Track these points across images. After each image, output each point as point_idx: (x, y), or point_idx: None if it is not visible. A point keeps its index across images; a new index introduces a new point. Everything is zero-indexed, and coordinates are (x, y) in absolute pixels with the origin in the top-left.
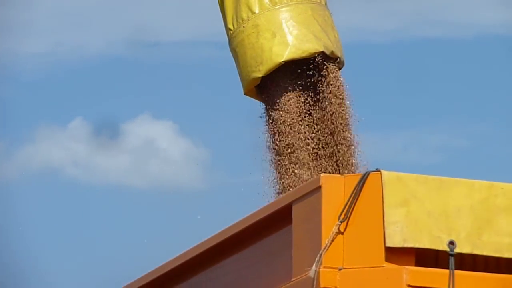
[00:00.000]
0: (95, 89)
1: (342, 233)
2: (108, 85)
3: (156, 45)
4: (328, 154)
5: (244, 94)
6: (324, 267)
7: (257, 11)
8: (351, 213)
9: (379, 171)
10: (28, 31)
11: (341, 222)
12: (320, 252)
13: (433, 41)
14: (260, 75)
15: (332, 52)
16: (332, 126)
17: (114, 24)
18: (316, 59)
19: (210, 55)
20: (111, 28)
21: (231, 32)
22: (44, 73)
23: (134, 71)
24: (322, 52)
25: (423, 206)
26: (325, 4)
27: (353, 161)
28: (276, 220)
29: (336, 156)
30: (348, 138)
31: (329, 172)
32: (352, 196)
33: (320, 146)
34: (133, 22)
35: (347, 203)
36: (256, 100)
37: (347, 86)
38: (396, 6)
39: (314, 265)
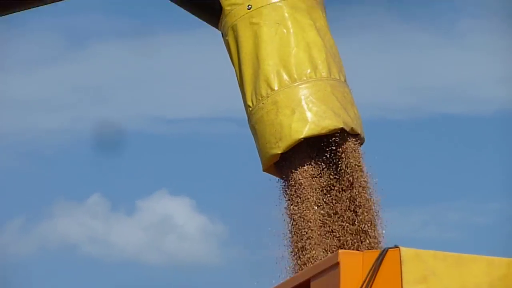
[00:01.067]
0: (113, 164)
1: None
2: (126, 160)
3: (174, 121)
4: (348, 229)
5: (263, 171)
6: None
7: (276, 88)
8: None
9: (398, 247)
10: (47, 107)
11: None
12: None
13: (451, 118)
14: (279, 152)
15: (352, 129)
16: (352, 200)
17: (132, 99)
18: (336, 136)
19: (229, 131)
20: (130, 103)
21: (250, 109)
22: (62, 149)
23: (152, 146)
24: (342, 128)
25: (442, 283)
26: (345, 80)
27: (373, 235)
28: None
29: (356, 231)
30: (368, 213)
31: (348, 248)
32: (370, 273)
33: (339, 220)
34: (151, 97)
35: (365, 280)
36: (275, 177)
37: (367, 161)
38: (413, 82)
39: None
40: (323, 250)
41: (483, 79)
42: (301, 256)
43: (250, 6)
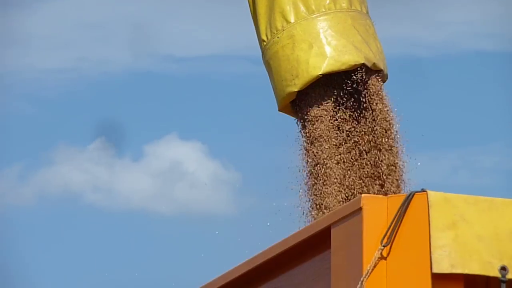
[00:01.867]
0: (118, 107)
1: (385, 259)
2: (133, 103)
3: (184, 59)
4: (370, 173)
5: (279, 110)
6: None
7: (292, 20)
8: (394, 237)
9: (425, 191)
10: (48, 45)
11: (384, 246)
12: (361, 279)
13: (485, 55)
14: (296, 90)
15: (374, 64)
16: (375, 144)
17: (140, 38)
18: (357, 72)
19: (243, 70)
20: (138, 41)
21: (265, 43)
22: (64, 90)
23: (161, 87)
24: (363, 64)
25: (472, 229)
26: (367, 12)
27: (398, 181)
28: (314, 245)
29: (378, 176)
30: (392, 157)
31: (371, 193)
32: (395, 219)
33: (361, 164)
34: (161, 35)
35: (390, 226)
36: (292, 117)
37: (391, 101)
38: (444, 17)
39: None
40: (344, 194)
41: None
42: (321, 201)
43: None
